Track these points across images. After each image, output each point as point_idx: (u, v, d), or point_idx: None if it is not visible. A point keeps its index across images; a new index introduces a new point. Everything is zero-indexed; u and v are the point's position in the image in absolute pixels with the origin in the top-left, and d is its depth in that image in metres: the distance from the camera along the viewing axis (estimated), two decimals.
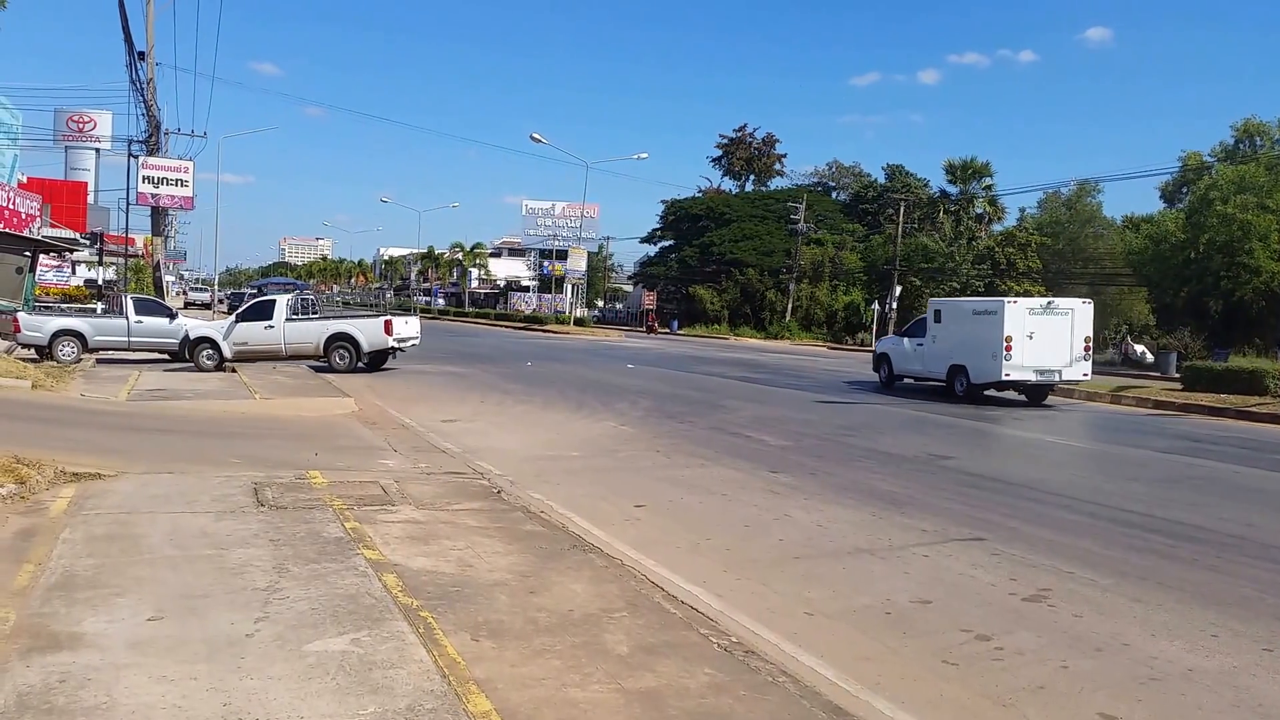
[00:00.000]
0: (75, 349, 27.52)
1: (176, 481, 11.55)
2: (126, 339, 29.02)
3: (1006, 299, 29.41)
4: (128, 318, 28.98)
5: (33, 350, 27.21)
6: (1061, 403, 29.15)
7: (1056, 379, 27.18)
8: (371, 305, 35.80)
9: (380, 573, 8.06)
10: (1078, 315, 27.29)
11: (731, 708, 5.79)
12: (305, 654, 6.20)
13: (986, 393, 27.87)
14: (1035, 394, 28.05)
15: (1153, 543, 10.97)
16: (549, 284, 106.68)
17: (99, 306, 33.82)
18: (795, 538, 10.64)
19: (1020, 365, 26.39)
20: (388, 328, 28.83)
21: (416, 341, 31.46)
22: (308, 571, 8.01)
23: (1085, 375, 27.56)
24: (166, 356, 29.88)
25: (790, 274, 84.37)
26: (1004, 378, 26.69)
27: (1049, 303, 28.21)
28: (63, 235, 58.45)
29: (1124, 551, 10.49)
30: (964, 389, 27.77)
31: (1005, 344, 26.25)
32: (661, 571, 8.83)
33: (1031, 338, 26.39)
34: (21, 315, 27.77)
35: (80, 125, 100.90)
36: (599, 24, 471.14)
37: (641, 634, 7.00)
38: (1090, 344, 27.28)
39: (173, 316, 30.75)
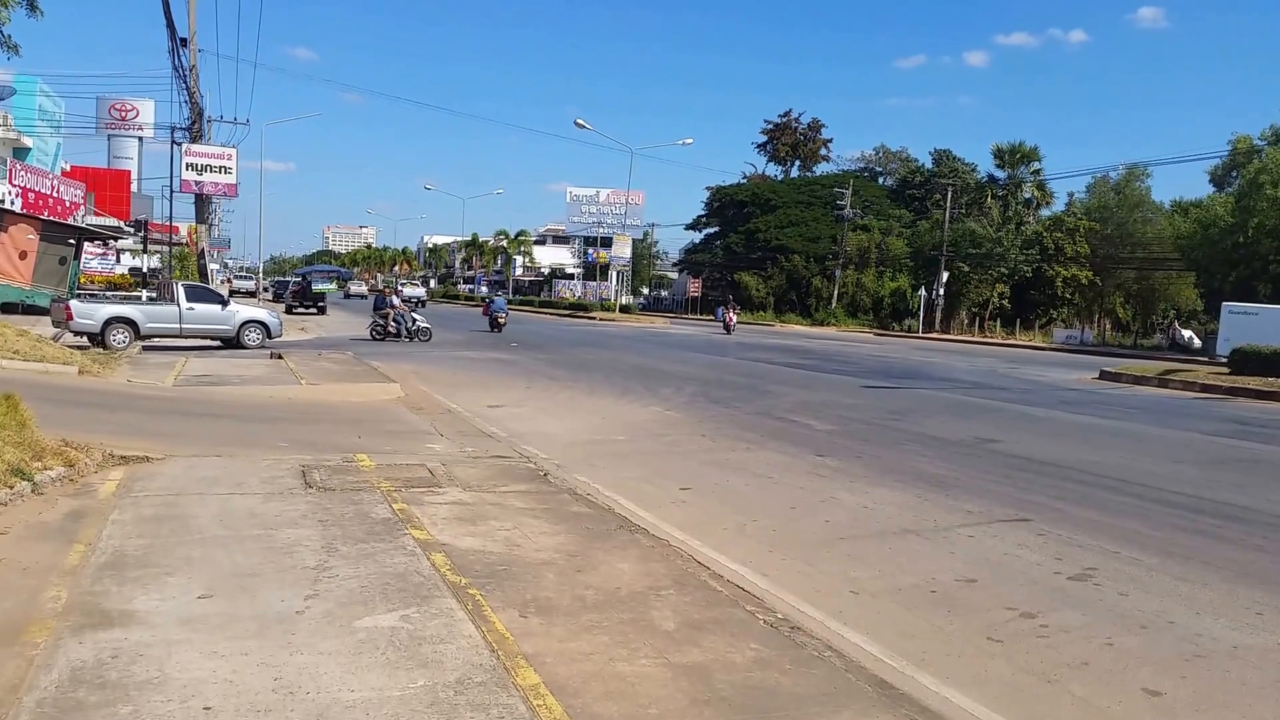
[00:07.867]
0: (127, 336, 27.52)
1: (224, 464, 11.63)
2: (178, 326, 29.11)
3: None
4: (179, 304, 29.09)
5: (83, 338, 27.35)
6: (1108, 387, 29.14)
7: None
8: None
9: (428, 552, 8.11)
10: None
11: (778, 681, 5.82)
12: (355, 630, 6.26)
13: None
14: None
15: (1199, 523, 10.94)
16: (594, 271, 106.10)
17: (144, 294, 33.97)
18: (841, 519, 10.64)
19: None
20: None
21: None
22: (356, 551, 8.07)
23: None
24: (218, 344, 30.09)
25: (836, 260, 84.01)
26: None
27: None
28: (107, 223, 59.12)
29: (1170, 531, 10.46)
30: None
31: None
32: (708, 551, 8.85)
33: None
34: (74, 303, 27.83)
35: (123, 113, 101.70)
36: (643, 9, 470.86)
37: (688, 611, 7.03)
38: None
39: (225, 303, 30.89)
